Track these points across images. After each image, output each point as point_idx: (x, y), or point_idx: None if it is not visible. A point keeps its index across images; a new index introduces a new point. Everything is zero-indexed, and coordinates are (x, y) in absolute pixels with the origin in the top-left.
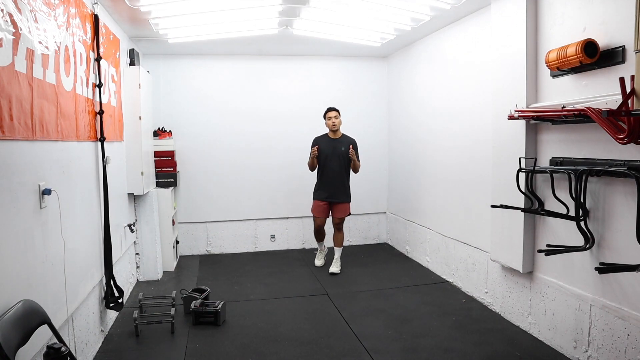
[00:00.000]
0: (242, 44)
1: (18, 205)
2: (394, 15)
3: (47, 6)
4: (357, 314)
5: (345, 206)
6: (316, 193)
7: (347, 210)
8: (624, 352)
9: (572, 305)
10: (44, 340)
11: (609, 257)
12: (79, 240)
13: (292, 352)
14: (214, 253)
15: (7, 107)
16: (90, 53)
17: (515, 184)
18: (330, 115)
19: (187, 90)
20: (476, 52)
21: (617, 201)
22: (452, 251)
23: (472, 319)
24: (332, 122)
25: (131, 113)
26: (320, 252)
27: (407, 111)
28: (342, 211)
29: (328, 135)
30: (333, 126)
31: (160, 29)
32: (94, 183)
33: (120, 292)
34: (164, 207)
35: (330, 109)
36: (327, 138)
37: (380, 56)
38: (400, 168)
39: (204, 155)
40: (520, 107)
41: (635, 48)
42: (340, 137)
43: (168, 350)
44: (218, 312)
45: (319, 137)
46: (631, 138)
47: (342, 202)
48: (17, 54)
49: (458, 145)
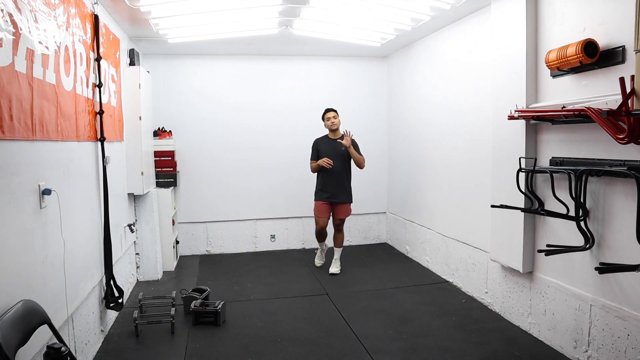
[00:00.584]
0: (242, 44)
1: (18, 205)
2: (394, 15)
3: (47, 6)
4: (357, 314)
5: (347, 207)
6: (317, 194)
7: (348, 211)
8: (624, 352)
9: (572, 305)
10: (44, 340)
11: (609, 257)
12: (79, 240)
13: (292, 352)
14: (214, 253)
15: (7, 107)
16: (90, 53)
17: (515, 184)
18: (329, 116)
19: (187, 90)
20: (476, 52)
21: (617, 201)
22: (452, 251)
23: (472, 319)
24: (331, 122)
25: (131, 113)
26: (321, 251)
27: (407, 111)
28: (343, 212)
29: (328, 136)
30: (332, 125)
31: (160, 29)
32: (94, 183)
33: (120, 292)
34: (164, 207)
35: (329, 110)
36: (327, 139)
37: (380, 56)
38: (400, 168)
39: (204, 155)
40: (520, 107)
41: (635, 48)
42: (339, 137)
43: (168, 350)
44: (218, 312)
45: (319, 139)
46: (631, 138)
47: (344, 203)
48: (17, 54)
49: (458, 145)
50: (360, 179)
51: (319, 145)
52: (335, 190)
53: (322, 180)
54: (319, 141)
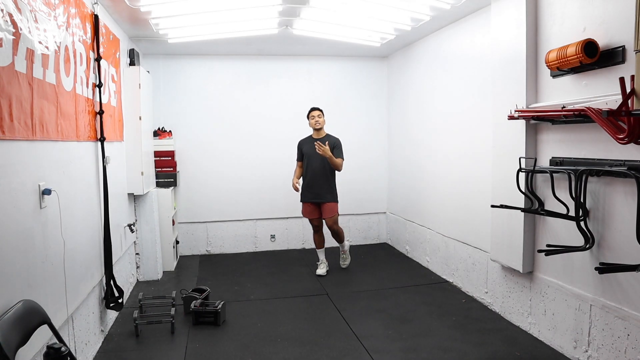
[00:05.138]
0: (242, 44)
1: (18, 205)
2: (394, 15)
3: (47, 6)
4: (357, 314)
5: (332, 205)
6: (302, 195)
7: (334, 209)
8: (624, 352)
9: (572, 305)
10: (44, 340)
11: (609, 257)
12: (79, 240)
13: (292, 352)
14: (214, 253)
15: (7, 107)
16: (90, 53)
17: (515, 184)
18: (313, 115)
19: (187, 90)
20: (476, 52)
21: (617, 201)
22: (452, 251)
23: (472, 319)
24: (315, 121)
25: (131, 113)
26: (322, 262)
27: (407, 111)
28: (329, 211)
29: (312, 135)
30: (316, 124)
31: (160, 29)
32: (94, 183)
33: (120, 292)
34: (164, 207)
35: (313, 109)
36: (311, 139)
37: (380, 56)
38: (400, 168)
39: (204, 155)
40: (520, 107)
41: (635, 48)
42: (323, 137)
43: (168, 350)
44: (218, 312)
45: (303, 139)
46: (631, 138)
47: (328, 202)
48: (17, 54)
49: (458, 145)
50: (360, 179)
51: (302, 146)
52: (318, 190)
53: (305, 180)
54: (303, 142)
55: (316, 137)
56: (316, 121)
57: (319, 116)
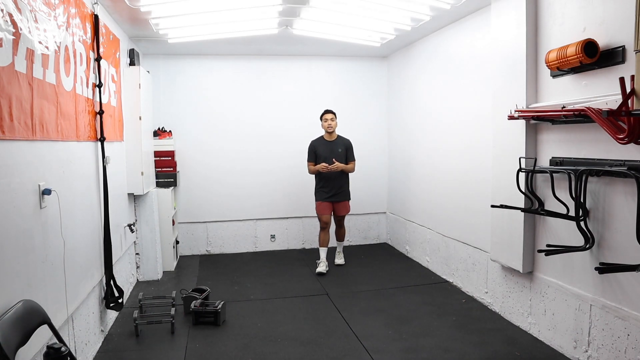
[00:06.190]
0: (242, 44)
1: (18, 205)
2: (394, 15)
3: (47, 6)
4: (357, 314)
5: (347, 204)
6: (318, 194)
7: (348, 208)
8: (624, 352)
9: (572, 305)
10: (44, 340)
11: (609, 257)
12: (79, 240)
13: (292, 352)
14: (214, 253)
15: (7, 107)
16: (90, 53)
17: (515, 184)
18: (326, 117)
19: (187, 90)
20: (476, 52)
21: (617, 201)
22: (452, 251)
23: (472, 319)
24: (327, 124)
25: (131, 113)
26: (322, 261)
27: (407, 111)
28: (344, 209)
29: (324, 137)
30: (329, 127)
31: (160, 29)
32: (94, 183)
33: (120, 292)
34: (164, 207)
35: (327, 111)
36: (324, 140)
37: (380, 56)
38: (400, 168)
39: (204, 155)
40: (520, 107)
41: (635, 48)
42: (336, 139)
43: (168, 350)
44: (218, 312)
45: (315, 141)
46: (631, 138)
47: (344, 201)
48: (17, 54)
49: (458, 145)
50: (360, 179)
51: (316, 147)
52: (335, 190)
53: (321, 181)
54: (316, 143)
55: (328, 139)
56: (329, 124)
57: (332, 119)
